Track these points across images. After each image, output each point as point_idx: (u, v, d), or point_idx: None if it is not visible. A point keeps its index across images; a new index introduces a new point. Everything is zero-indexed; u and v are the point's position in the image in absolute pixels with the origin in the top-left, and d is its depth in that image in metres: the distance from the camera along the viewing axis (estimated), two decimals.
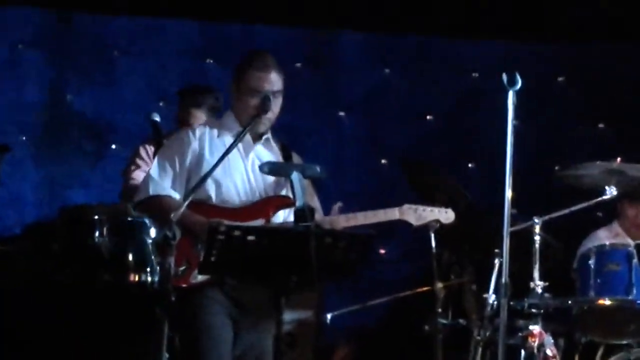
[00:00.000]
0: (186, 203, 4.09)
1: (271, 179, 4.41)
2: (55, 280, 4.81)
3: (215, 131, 4.44)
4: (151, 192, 4.33)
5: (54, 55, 6.52)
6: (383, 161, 6.77)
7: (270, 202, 4.40)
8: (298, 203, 4.19)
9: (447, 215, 4.75)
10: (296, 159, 4.58)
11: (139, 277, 4.71)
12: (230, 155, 4.25)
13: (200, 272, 4.19)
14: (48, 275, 4.83)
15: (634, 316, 5.22)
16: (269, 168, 4.39)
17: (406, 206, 4.63)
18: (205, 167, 4.28)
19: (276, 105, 4.41)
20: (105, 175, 6.33)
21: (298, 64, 6.62)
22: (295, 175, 4.29)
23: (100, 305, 4.79)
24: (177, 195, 4.32)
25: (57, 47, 6.53)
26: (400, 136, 6.76)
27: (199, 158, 4.36)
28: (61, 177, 6.48)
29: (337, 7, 6.50)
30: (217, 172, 4.25)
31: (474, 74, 6.81)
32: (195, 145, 4.38)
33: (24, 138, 6.40)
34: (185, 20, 6.65)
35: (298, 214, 4.11)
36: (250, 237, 3.97)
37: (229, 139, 4.36)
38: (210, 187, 4.32)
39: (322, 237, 3.99)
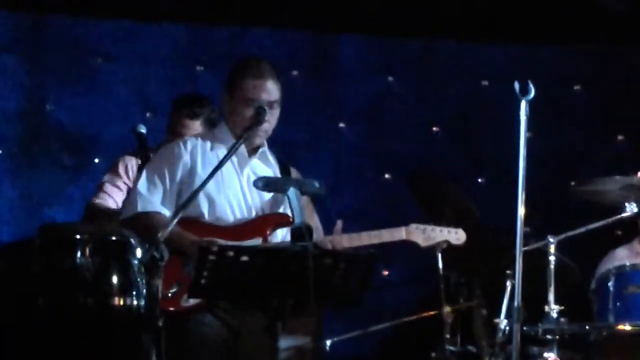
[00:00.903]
0: (175, 221, 4.10)
1: (268, 195, 4.43)
2: (35, 304, 4.83)
3: (208, 144, 4.46)
4: (139, 208, 4.34)
5: (31, 62, 6.53)
6: (387, 176, 6.80)
7: (268, 221, 4.43)
8: (295, 221, 4.22)
9: (457, 236, 4.78)
10: (294, 173, 4.60)
11: (124, 301, 4.72)
12: (224, 170, 4.27)
13: (190, 296, 4.21)
14: (26, 298, 4.85)
15: None
16: (263, 183, 4.41)
17: (413, 226, 4.64)
18: (198, 182, 4.28)
19: (273, 116, 4.43)
20: (86, 192, 6.31)
21: (294, 72, 6.66)
22: (292, 192, 4.32)
23: (83, 331, 4.82)
24: (167, 212, 4.33)
25: (35, 52, 6.55)
26: (405, 149, 6.78)
27: (191, 172, 4.38)
28: (39, 193, 6.48)
29: (335, 9, 6.53)
30: (210, 188, 4.27)
31: (483, 82, 6.84)
32: (186, 158, 4.40)
33: None
34: (172, 24, 6.67)
35: (295, 232, 4.13)
36: (244, 258, 4.00)
37: (222, 152, 4.37)
38: (203, 204, 4.34)
39: (321, 258, 4.03)
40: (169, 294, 4.19)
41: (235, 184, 4.42)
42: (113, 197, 5.26)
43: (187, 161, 4.39)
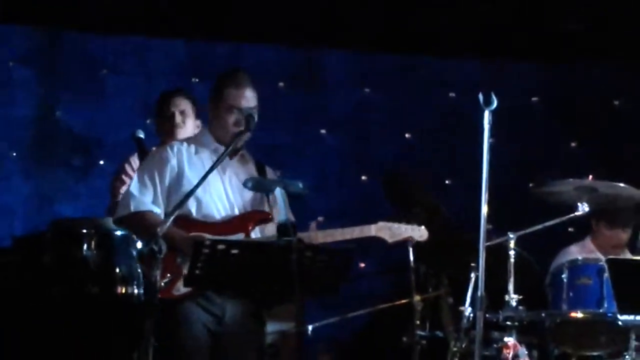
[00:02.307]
0: (172, 218, 4.11)
1: (249, 194, 4.44)
2: (46, 291, 4.80)
3: (192, 147, 4.48)
4: (132, 208, 4.34)
5: (44, 73, 6.52)
6: (364, 177, 6.79)
7: (250, 217, 4.43)
8: (281, 218, 4.21)
9: (420, 233, 4.77)
10: (270, 173, 4.61)
11: (126, 290, 4.70)
12: (215, 178, 4.30)
13: (185, 285, 4.20)
14: (38, 286, 4.83)
15: (605, 329, 5.24)
16: (252, 184, 4.41)
17: (381, 223, 4.64)
18: (185, 183, 4.32)
19: None
20: (92, 190, 6.32)
21: (281, 83, 6.65)
22: (278, 191, 4.32)
23: (89, 316, 4.79)
24: (158, 210, 4.34)
25: (48, 64, 6.53)
26: (381, 153, 6.78)
27: (179, 174, 4.39)
28: (50, 191, 6.46)
29: (320, 27, 6.53)
30: (197, 189, 4.27)
31: (451, 94, 6.84)
32: (173, 162, 4.41)
33: (14, 154, 6.39)
34: (172, 39, 6.66)
35: (281, 228, 4.13)
36: (234, 251, 4.00)
37: (206, 155, 4.41)
38: (192, 203, 4.34)
39: (304, 252, 4.03)
40: (162, 284, 4.18)
41: (218, 185, 4.43)
42: None
43: (174, 164, 4.40)
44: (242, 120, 4.41)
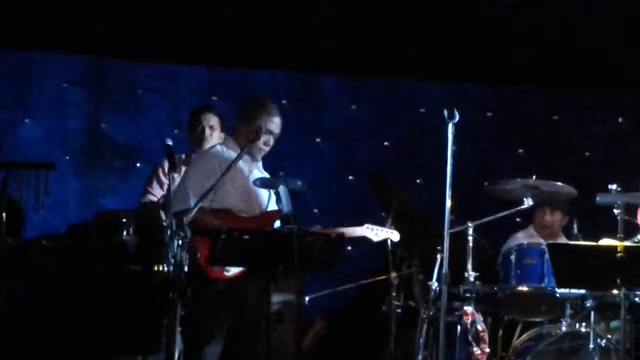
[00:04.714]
0: (195, 209, 4.13)
1: (266, 194, 4.50)
2: (93, 270, 4.81)
3: (231, 152, 4.56)
4: (190, 204, 4.36)
5: (92, 93, 6.49)
6: (351, 177, 6.79)
7: (272, 216, 4.55)
8: (284, 210, 4.24)
9: (394, 236, 5.05)
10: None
11: (159, 268, 4.72)
12: (245, 180, 4.46)
13: (208, 263, 4.23)
14: (87, 266, 4.84)
15: (545, 299, 5.24)
16: (260, 182, 4.46)
17: (366, 226, 4.91)
18: (227, 181, 4.40)
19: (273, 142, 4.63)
20: (131, 187, 6.31)
21: (284, 101, 6.65)
22: (281, 188, 4.35)
23: (128, 290, 4.80)
24: (205, 205, 4.38)
25: (95, 86, 6.51)
26: (365, 158, 6.74)
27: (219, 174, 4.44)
28: (96, 188, 6.43)
29: (316, 56, 6.54)
30: (239, 190, 4.39)
31: (421, 110, 6.83)
32: (216, 165, 4.50)
33: (67, 158, 6.37)
34: (195, 66, 6.66)
35: (284, 218, 4.17)
36: (246, 237, 4.02)
37: (240, 162, 4.51)
38: (234, 201, 4.43)
39: (303, 237, 4.05)
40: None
41: (249, 187, 4.53)
42: (156, 193, 5.33)
43: (216, 167, 4.48)
44: (270, 140, 4.49)
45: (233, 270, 4.30)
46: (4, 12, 5.88)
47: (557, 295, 5.11)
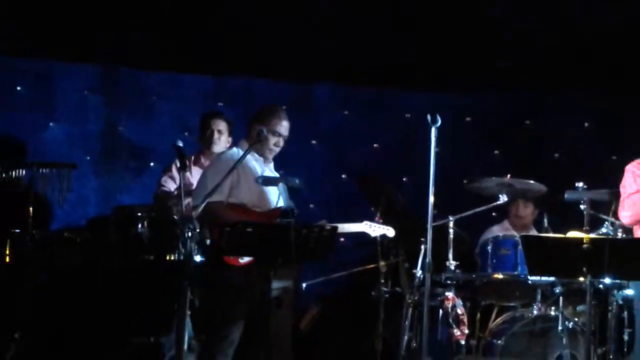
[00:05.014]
0: (203, 204, 4.14)
1: (274, 192, 4.51)
2: (111, 260, 4.82)
3: (241, 152, 4.54)
4: (207, 199, 4.34)
5: (109, 99, 6.48)
6: (343, 176, 6.80)
7: (278, 212, 4.51)
8: (283, 205, 4.25)
9: (389, 232, 5.01)
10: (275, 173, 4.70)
11: (170, 257, 4.73)
12: (256, 175, 4.44)
13: (218, 253, 4.24)
14: (105, 256, 4.85)
15: (519, 286, 5.28)
16: (262, 180, 4.46)
17: (364, 222, 4.87)
18: (242, 179, 4.40)
19: (282, 144, 4.61)
20: (144, 185, 6.31)
21: (283, 107, 6.63)
22: (281, 185, 4.37)
23: (143, 278, 4.82)
24: (223, 200, 4.37)
25: (112, 93, 6.50)
26: (356, 159, 6.74)
27: (238, 174, 4.45)
28: (113, 185, 6.42)
29: (312, 66, 6.55)
30: (252, 188, 4.37)
31: (407, 115, 6.85)
32: (231, 164, 4.44)
33: (87, 158, 6.35)
34: (202, 75, 6.66)
35: (283, 213, 4.19)
36: (249, 229, 4.03)
37: (249, 159, 4.50)
38: (249, 196, 4.41)
39: (300, 230, 4.07)
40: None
41: (261, 185, 4.51)
42: (169, 186, 5.32)
43: (232, 165, 4.46)
44: (280, 141, 4.48)
45: (247, 258, 4.30)
46: (30, 26, 5.89)
47: (529, 282, 5.16)
